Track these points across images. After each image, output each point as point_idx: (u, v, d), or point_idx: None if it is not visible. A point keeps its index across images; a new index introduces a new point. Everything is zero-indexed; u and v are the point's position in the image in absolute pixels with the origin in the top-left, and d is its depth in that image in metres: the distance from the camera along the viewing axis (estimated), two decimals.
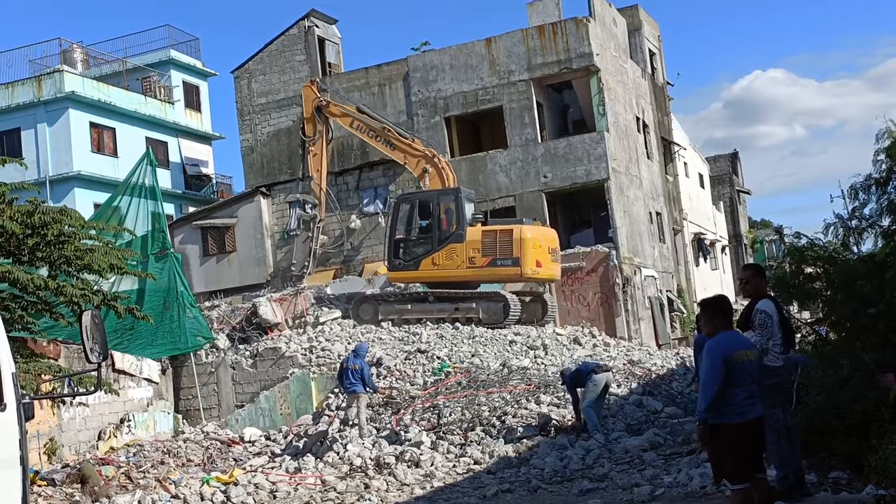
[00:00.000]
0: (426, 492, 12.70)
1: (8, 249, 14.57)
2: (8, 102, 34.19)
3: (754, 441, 7.05)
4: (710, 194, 47.12)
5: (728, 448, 6.98)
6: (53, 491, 14.39)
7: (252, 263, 32.41)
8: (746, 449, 6.97)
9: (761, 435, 7.13)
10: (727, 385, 6.83)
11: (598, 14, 31.23)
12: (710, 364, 6.93)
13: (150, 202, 23.71)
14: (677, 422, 14.99)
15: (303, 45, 33.21)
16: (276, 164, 33.04)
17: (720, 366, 6.82)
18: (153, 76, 38.81)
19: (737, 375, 6.86)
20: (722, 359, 6.85)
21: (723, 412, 6.91)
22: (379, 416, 17.57)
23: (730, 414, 6.91)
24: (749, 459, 7.00)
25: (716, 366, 6.85)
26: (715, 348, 7.00)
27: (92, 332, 6.66)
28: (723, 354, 6.89)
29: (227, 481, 14.35)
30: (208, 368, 22.83)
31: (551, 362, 19.94)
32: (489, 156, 30.75)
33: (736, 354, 6.92)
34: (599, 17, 31.23)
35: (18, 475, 6.16)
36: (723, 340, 7.04)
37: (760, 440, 7.12)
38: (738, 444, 6.94)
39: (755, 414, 7.01)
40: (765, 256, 49.17)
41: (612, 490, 10.89)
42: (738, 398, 6.90)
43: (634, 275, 29.38)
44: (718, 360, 6.86)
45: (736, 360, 6.89)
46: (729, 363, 6.85)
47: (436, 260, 24.06)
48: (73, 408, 18.11)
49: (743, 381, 6.90)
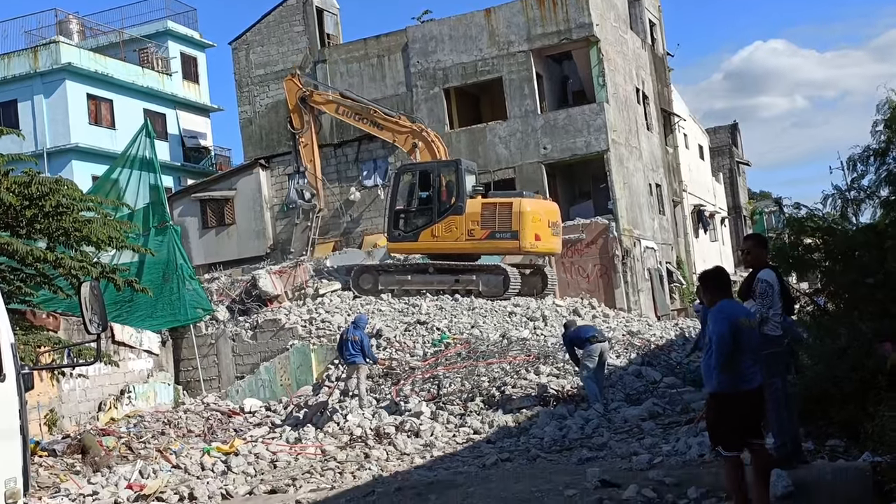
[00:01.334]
0: (426, 461, 12.75)
1: (6, 221, 14.55)
2: (4, 74, 34.05)
3: (754, 409, 7.09)
4: (710, 166, 47.07)
5: (730, 415, 7.04)
6: (54, 461, 14.46)
7: (251, 236, 32.44)
8: (745, 417, 7.02)
9: (761, 403, 7.18)
10: (735, 351, 6.88)
11: None
12: (717, 327, 6.93)
13: (149, 175, 23.66)
14: (676, 392, 15.07)
15: (301, 16, 33.05)
16: (274, 135, 32.95)
17: (727, 328, 6.83)
18: (150, 47, 38.61)
19: (742, 341, 6.90)
20: (728, 322, 6.88)
21: (730, 380, 6.97)
22: (379, 386, 17.63)
23: (737, 381, 6.96)
24: (746, 428, 7.04)
25: (723, 328, 6.86)
26: (719, 313, 7.02)
27: (91, 304, 6.68)
28: (728, 318, 6.92)
29: (228, 451, 14.42)
30: (208, 340, 22.88)
31: (550, 333, 19.97)
32: (489, 127, 30.69)
33: (740, 320, 6.97)
34: None
35: (19, 445, 6.20)
36: (725, 307, 7.09)
37: (760, 408, 7.17)
38: (740, 411, 7.00)
39: (758, 382, 7.07)
40: (764, 228, 49.12)
41: (611, 459, 10.94)
42: (744, 365, 6.95)
43: (634, 246, 29.40)
44: (725, 322, 6.88)
45: (741, 325, 6.94)
46: (735, 327, 6.89)
47: (435, 232, 24.08)
48: (73, 379, 18.16)
49: (747, 347, 6.95)
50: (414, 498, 9.66)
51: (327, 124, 31.18)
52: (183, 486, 12.26)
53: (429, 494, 9.72)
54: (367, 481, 11.53)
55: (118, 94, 35.93)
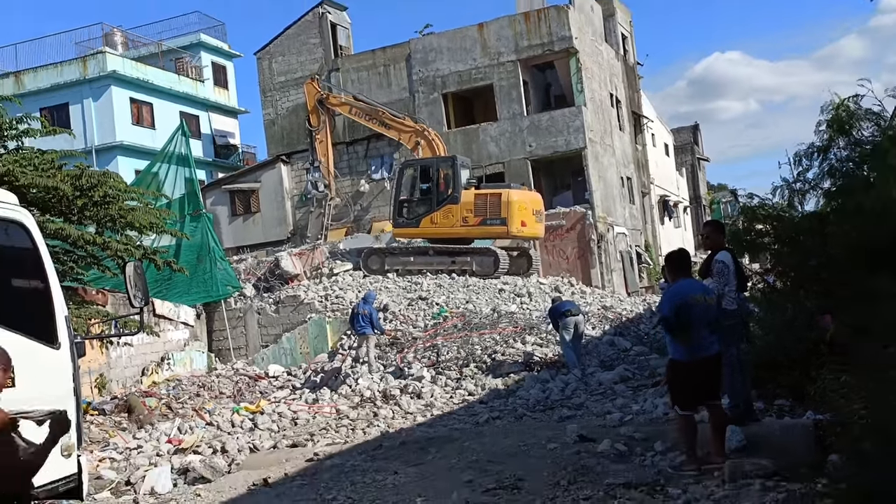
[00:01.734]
0: (427, 419, 12.79)
1: (59, 209, 14.52)
2: (57, 80, 33.87)
3: (710, 374, 7.10)
4: (674, 161, 46.94)
5: (686, 380, 7.06)
6: (104, 419, 14.49)
7: (274, 222, 32.40)
8: (701, 381, 7.02)
9: (718, 369, 7.18)
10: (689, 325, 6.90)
11: (577, 2, 30.91)
12: (665, 304, 7.16)
13: (185, 169, 23.65)
14: (644, 358, 15.07)
15: (317, 30, 32.91)
16: (294, 135, 32.84)
17: (671, 309, 6.96)
18: (185, 57, 38.43)
19: (693, 316, 6.91)
20: (674, 303, 6.98)
21: (687, 349, 6.99)
22: (385, 354, 17.65)
23: (693, 350, 6.98)
24: (703, 390, 7.05)
25: (667, 310, 7.02)
26: (670, 295, 7.16)
27: (135, 281, 6.67)
28: (677, 299, 7.00)
29: (255, 411, 14.46)
30: (237, 313, 22.90)
31: (535, 308, 19.99)
32: (481, 128, 30.61)
33: (690, 296, 6.98)
34: (578, 4, 30.91)
35: (73, 405, 6.21)
36: (680, 286, 7.14)
37: (716, 373, 7.17)
38: (694, 377, 7.01)
39: (714, 350, 7.07)
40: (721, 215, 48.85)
41: (588, 417, 10.97)
42: (700, 336, 6.96)
43: (608, 232, 29.38)
44: (671, 304, 7.00)
45: (691, 301, 6.95)
46: (684, 305, 6.93)
47: (434, 219, 24.07)
48: (119, 348, 18.19)
49: (700, 321, 6.95)
50: (417, 451, 9.69)
51: (340, 124, 31.04)
52: (216, 441, 12.32)
53: (429, 448, 9.75)
54: (375, 436, 11.58)
55: (157, 98, 35.78)
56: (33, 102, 29.90)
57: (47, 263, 6.15)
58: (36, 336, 5.90)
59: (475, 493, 7.18)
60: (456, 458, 8.84)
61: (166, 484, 10.06)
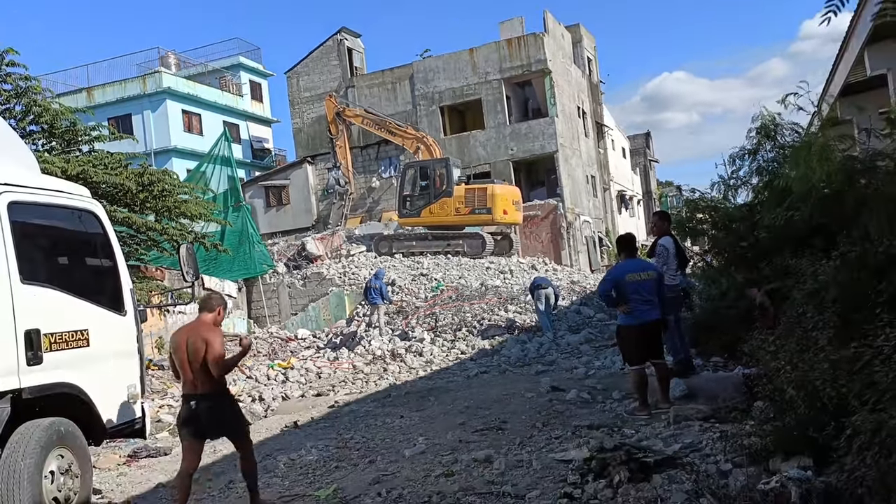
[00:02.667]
0: (427, 373, 12.83)
1: (125, 202, 14.43)
2: (121, 95, 33.64)
3: (652, 336, 7.10)
4: (630, 162, 46.81)
5: (628, 340, 7.09)
6: (163, 373, 14.49)
7: (301, 212, 32.30)
8: (643, 341, 7.04)
9: (657, 331, 7.18)
10: (622, 296, 6.98)
11: (551, 30, 30.76)
12: (601, 287, 7.32)
13: (228, 168, 23.53)
14: (604, 324, 15.11)
15: (336, 53, 32.68)
16: (318, 140, 32.67)
17: (608, 286, 7.10)
18: (227, 76, 38.14)
19: (626, 291, 6.94)
20: (612, 281, 7.09)
21: (629, 317, 7.01)
22: (393, 320, 17.67)
23: (630, 317, 7.00)
24: (648, 349, 7.07)
25: (607, 284, 7.16)
26: (609, 273, 7.34)
27: (187, 261, 6.67)
28: (613, 277, 7.11)
29: (286, 367, 14.47)
30: (271, 287, 22.88)
31: (516, 282, 20.00)
32: (471, 135, 30.49)
33: (626, 276, 6.99)
34: (552, 32, 30.75)
35: (137, 362, 6.24)
36: (618, 268, 7.25)
37: (656, 335, 7.18)
38: (634, 338, 7.03)
39: (651, 317, 7.05)
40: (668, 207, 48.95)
41: (559, 371, 11.01)
42: (637, 305, 6.98)
43: (575, 220, 29.36)
44: (609, 281, 7.14)
45: (626, 280, 6.96)
46: (618, 282, 7.00)
47: (432, 210, 24.11)
48: (175, 315, 18.14)
49: (633, 294, 6.95)
50: (419, 399, 9.72)
51: (356, 132, 30.82)
52: (254, 391, 12.33)
53: (429, 396, 9.78)
54: (385, 388, 11.61)
55: (205, 110, 35.53)
56: (102, 113, 29.67)
57: (115, 246, 6.14)
58: (107, 305, 5.90)
59: (466, 432, 7.21)
60: (451, 405, 8.87)
61: None
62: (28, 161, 6.03)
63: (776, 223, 7.47)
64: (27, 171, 5.68)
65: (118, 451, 8.50)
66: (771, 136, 9.04)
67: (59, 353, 5.21)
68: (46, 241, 5.74)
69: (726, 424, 5.82)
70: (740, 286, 9.18)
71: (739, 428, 5.21)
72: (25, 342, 4.97)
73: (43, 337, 5.09)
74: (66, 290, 5.43)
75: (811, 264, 5.62)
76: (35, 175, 5.84)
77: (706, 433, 5.80)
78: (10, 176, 5.26)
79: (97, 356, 5.58)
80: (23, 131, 14.16)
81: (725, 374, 7.92)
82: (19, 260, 5.02)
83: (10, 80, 14.01)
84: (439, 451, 6.51)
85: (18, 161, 5.71)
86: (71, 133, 14.86)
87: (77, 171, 12.76)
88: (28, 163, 5.99)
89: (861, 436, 3.65)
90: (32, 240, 5.41)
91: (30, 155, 6.25)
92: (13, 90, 14.07)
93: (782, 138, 8.97)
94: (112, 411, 5.77)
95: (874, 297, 4.60)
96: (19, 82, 14.11)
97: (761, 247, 8.50)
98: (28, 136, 14.38)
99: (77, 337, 5.42)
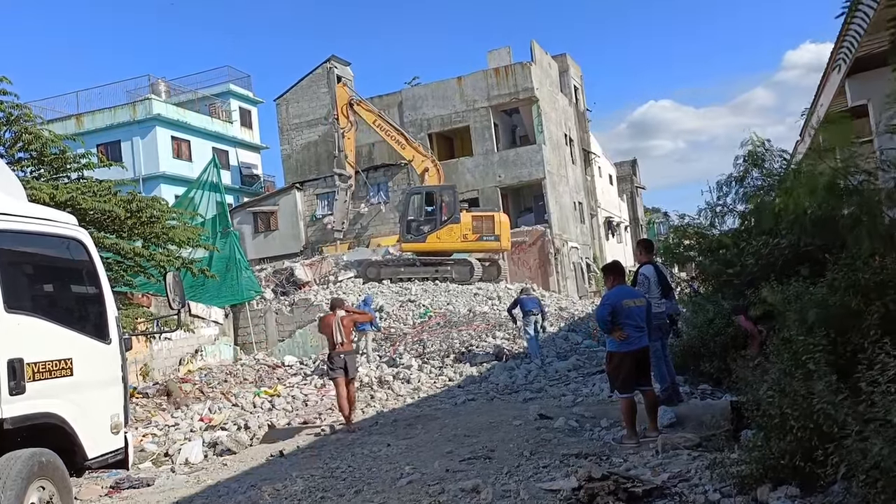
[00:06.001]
0: (415, 401, 12.71)
1: (113, 228, 14.38)
2: (111, 122, 33.62)
3: (640, 363, 7.08)
4: (617, 189, 47.19)
5: (620, 368, 7.05)
6: (147, 401, 14.31)
7: (290, 238, 32.25)
8: (634, 369, 7.01)
9: (646, 359, 7.16)
10: (617, 323, 6.91)
11: (538, 60, 31.12)
12: (599, 312, 7.16)
13: (216, 194, 23.46)
14: (592, 350, 15.07)
15: (325, 81, 32.83)
16: (306, 166, 32.77)
17: (606, 311, 6.97)
18: (217, 103, 38.25)
19: (621, 317, 6.91)
20: (610, 306, 6.97)
21: (619, 344, 6.98)
22: (381, 346, 17.58)
23: (622, 344, 6.97)
24: (636, 377, 7.04)
25: (605, 310, 7.01)
26: (606, 298, 7.16)
27: (174, 288, 6.61)
28: (611, 303, 6.99)
29: (272, 394, 14.34)
30: (258, 313, 22.71)
31: (503, 309, 19.93)
32: (460, 161, 30.66)
33: (622, 303, 6.97)
34: (539, 61, 31.10)
35: (121, 391, 6.15)
36: (614, 293, 7.12)
37: (645, 362, 7.16)
38: (626, 365, 6.99)
39: (642, 344, 7.03)
40: (655, 234, 49.32)
41: (547, 398, 10.94)
42: (630, 332, 6.94)
43: (563, 246, 29.47)
44: (607, 307, 7.00)
45: (622, 306, 6.94)
46: (615, 308, 6.92)
47: (439, 236, 24.00)
48: (160, 342, 18.00)
49: (627, 320, 6.93)
50: (406, 427, 9.63)
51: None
52: (240, 419, 12.19)
53: (416, 424, 9.70)
54: (372, 415, 11.49)
55: (194, 136, 35.54)
56: (91, 139, 29.58)
57: (101, 274, 6.09)
58: (92, 334, 5.83)
59: (454, 461, 7.14)
60: (438, 433, 8.79)
61: (198, 455, 9.95)
62: (14, 189, 6.00)
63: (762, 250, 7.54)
64: (13, 199, 5.65)
65: (100, 481, 8.35)
66: (758, 163, 9.15)
67: (42, 382, 5.13)
68: (32, 269, 5.69)
69: (714, 453, 5.80)
70: (727, 313, 9.22)
71: (727, 456, 5.18)
72: (8, 371, 4.90)
73: (26, 366, 5.02)
74: (51, 319, 5.37)
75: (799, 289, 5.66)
76: (22, 203, 5.80)
77: (694, 462, 5.77)
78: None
79: (81, 385, 5.50)
80: (11, 158, 14.11)
81: (713, 402, 7.91)
82: (4, 288, 4.97)
83: (2, 108, 13.99)
84: (426, 481, 6.44)
85: (4, 189, 5.68)
86: (60, 160, 14.82)
87: (65, 199, 12.70)
88: (14, 190, 5.96)
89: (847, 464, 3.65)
90: (18, 268, 5.36)
91: (16, 182, 6.22)
92: (4, 117, 14.04)
93: (771, 163, 9.07)
94: (95, 441, 5.67)
95: (863, 321, 4.62)
96: (11, 110, 14.09)
97: (748, 273, 8.55)
98: (16, 163, 14.34)
99: (61, 366, 5.34)
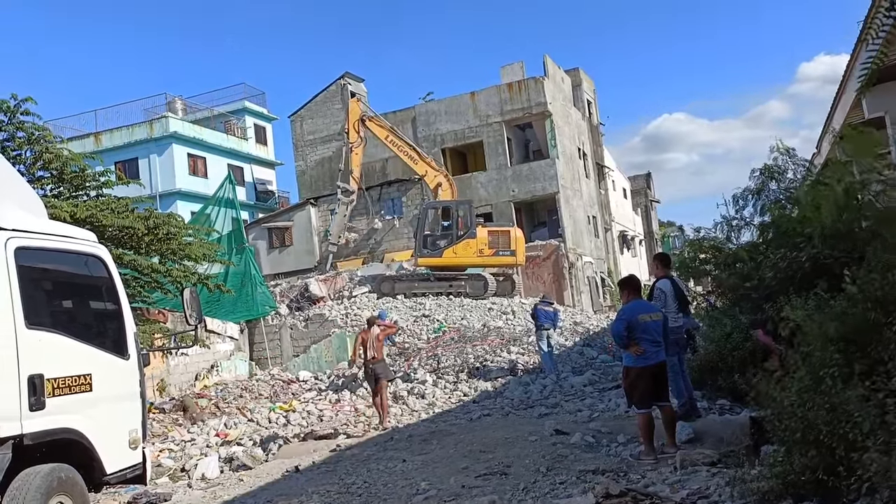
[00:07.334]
0: (429, 416, 12.69)
1: (132, 244, 14.50)
2: (129, 140, 34.03)
3: (657, 378, 7.02)
4: (631, 203, 47.07)
5: (636, 383, 6.99)
6: (164, 416, 14.39)
7: (304, 254, 32.35)
8: (651, 384, 6.95)
9: (663, 374, 7.11)
10: (633, 338, 6.86)
11: (551, 74, 31.20)
12: (615, 327, 7.12)
13: (232, 210, 23.65)
14: (608, 365, 15.02)
15: (339, 97, 32.99)
16: (321, 182, 32.94)
17: (622, 326, 6.92)
18: (232, 120, 38.63)
19: (637, 332, 6.87)
20: (625, 321, 6.92)
21: (636, 358, 6.93)
22: (395, 362, 17.56)
23: (639, 359, 6.92)
24: (653, 392, 6.98)
25: (618, 328, 6.98)
26: (622, 313, 7.10)
27: (190, 304, 6.66)
28: (627, 318, 6.94)
29: (287, 409, 14.36)
30: (273, 329, 22.78)
31: (518, 323, 19.90)
32: (473, 176, 30.71)
33: (638, 317, 6.92)
34: (552, 76, 31.18)
35: (139, 406, 6.18)
36: (629, 308, 7.07)
37: (662, 377, 7.10)
38: (643, 380, 6.93)
39: (659, 359, 6.98)
40: (670, 247, 49.06)
41: (562, 414, 10.88)
42: (646, 346, 6.90)
43: (577, 260, 29.38)
44: (622, 322, 6.95)
45: (638, 321, 6.89)
46: (631, 323, 6.87)
47: (455, 250, 23.94)
48: (177, 357, 18.09)
49: (643, 335, 6.88)
50: (421, 443, 9.60)
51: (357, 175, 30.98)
52: (255, 434, 12.20)
53: (432, 440, 9.66)
54: (387, 431, 11.46)
55: (210, 153, 35.88)
56: (109, 157, 29.97)
57: (120, 290, 6.14)
58: (111, 350, 5.88)
59: (469, 477, 7.10)
60: (454, 449, 8.75)
61: (215, 470, 9.97)
62: (36, 207, 6.09)
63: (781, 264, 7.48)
64: (35, 217, 5.73)
65: (118, 496, 8.38)
66: (775, 176, 9.11)
67: (61, 397, 5.18)
68: (52, 285, 5.76)
69: (734, 469, 5.73)
70: (744, 327, 9.14)
71: (747, 472, 5.12)
72: (28, 387, 4.95)
73: (46, 382, 5.07)
74: (71, 335, 5.43)
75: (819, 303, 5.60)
76: (43, 220, 5.88)
77: (714, 478, 5.70)
78: (18, 222, 5.31)
79: (99, 401, 5.54)
80: (32, 177, 14.32)
81: (731, 418, 7.82)
82: (25, 305, 5.03)
83: (24, 129, 14.23)
84: (442, 497, 6.41)
85: (26, 207, 5.76)
86: (79, 178, 15.02)
87: (85, 216, 12.85)
88: (36, 208, 6.04)
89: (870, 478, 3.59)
90: (39, 284, 5.42)
91: (38, 201, 6.30)
92: (26, 138, 14.28)
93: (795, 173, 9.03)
94: (113, 457, 5.70)
95: (884, 333, 4.57)
96: (33, 130, 14.33)
97: (766, 287, 8.49)
98: (37, 182, 14.54)
99: (80, 381, 5.39)
